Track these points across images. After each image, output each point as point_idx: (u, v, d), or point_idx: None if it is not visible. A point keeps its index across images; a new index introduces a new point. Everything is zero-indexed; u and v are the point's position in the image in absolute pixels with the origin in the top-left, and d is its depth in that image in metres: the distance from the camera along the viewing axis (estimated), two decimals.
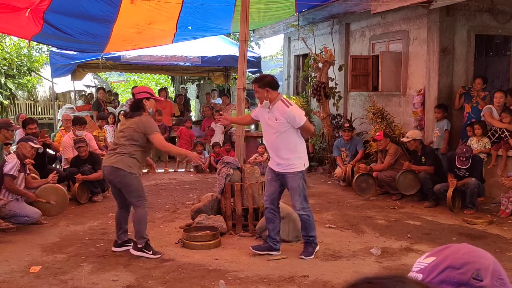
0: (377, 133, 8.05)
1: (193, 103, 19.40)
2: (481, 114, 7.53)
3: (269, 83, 4.87)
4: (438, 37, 8.04)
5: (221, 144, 10.59)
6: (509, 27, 8.34)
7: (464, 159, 6.72)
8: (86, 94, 14.73)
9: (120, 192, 4.98)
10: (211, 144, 10.95)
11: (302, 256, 4.94)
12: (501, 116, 7.22)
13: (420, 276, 1.11)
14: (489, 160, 7.33)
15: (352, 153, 8.90)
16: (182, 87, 17.78)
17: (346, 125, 9.13)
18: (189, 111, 14.33)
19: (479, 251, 1.12)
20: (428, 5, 7.53)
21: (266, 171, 5.13)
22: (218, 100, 14.82)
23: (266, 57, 23.34)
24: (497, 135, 7.25)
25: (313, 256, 4.95)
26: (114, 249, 5.12)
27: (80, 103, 13.53)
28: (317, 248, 5.08)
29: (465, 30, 8.23)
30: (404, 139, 7.55)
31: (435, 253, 1.15)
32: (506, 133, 7.10)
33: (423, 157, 7.47)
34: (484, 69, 9.57)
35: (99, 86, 17.28)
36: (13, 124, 7.15)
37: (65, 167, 7.99)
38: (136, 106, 5.03)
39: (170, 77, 20.84)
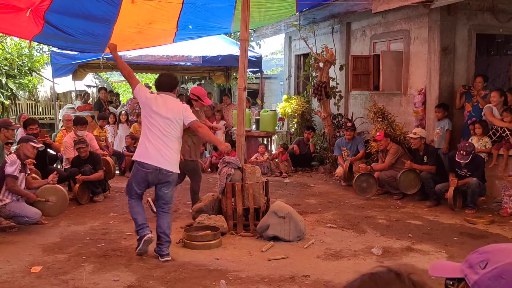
0: (378, 133, 8.05)
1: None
2: (482, 113, 7.52)
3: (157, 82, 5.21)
4: (439, 37, 8.03)
5: None
6: (510, 26, 8.33)
7: (464, 153, 6.65)
8: (82, 94, 14.68)
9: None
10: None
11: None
12: (502, 115, 7.21)
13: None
14: (490, 159, 7.32)
15: (353, 152, 8.90)
16: (182, 87, 17.75)
17: (349, 124, 9.12)
18: None
19: (509, 251, 1.12)
20: (429, 4, 7.52)
21: None
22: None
23: (267, 56, 23.35)
24: (498, 134, 7.24)
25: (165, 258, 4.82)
26: None
27: (77, 103, 13.53)
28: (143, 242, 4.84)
29: (466, 29, 8.22)
30: (411, 135, 7.53)
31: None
32: (507, 132, 7.09)
33: (425, 156, 7.46)
34: (485, 68, 9.55)
35: (100, 86, 17.29)
36: (13, 124, 7.15)
37: (66, 167, 8.00)
38: (188, 103, 5.96)
39: None
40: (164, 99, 4.89)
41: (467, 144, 6.74)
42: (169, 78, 5.20)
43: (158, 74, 19.06)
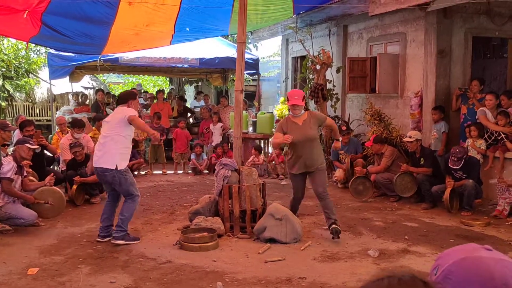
0: (369, 139, 8.08)
1: (189, 104, 19.37)
2: (476, 117, 7.55)
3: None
4: (435, 39, 8.06)
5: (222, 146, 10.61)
6: (506, 29, 8.37)
7: (455, 159, 6.75)
8: (79, 95, 14.65)
9: None
10: (213, 144, 10.95)
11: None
12: (497, 118, 7.23)
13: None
14: (485, 161, 7.35)
15: (351, 155, 8.90)
16: (171, 89, 17.66)
17: (343, 128, 9.10)
18: (193, 112, 14.15)
19: (456, 251, 1.15)
20: (426, 7, 7.56)
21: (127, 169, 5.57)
22: (202, 102, 14.74)
23: (264, 58, 23.35)
24: (493, 138, 7.27)
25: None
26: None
27: (72, 103, 13.49)
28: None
29: (462, 32, 8.25)
30: (407, 139, 7.55)
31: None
32: (502, 135, 7.12)
33: (421, 159, 7.48)
34: (481, 71, 9.59)
35: (97, 87, 17.28)
36: (10, 125, 7.14)
37: (63, 169, 7.99)
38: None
39: (168, 78, 20.84)
40: (114, 111, 5.77)
41: (457, 150, 6.79)
42: (123, 93, 6.06)
43: (155, 76, 18.96)
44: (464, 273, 1.07)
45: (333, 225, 5.57)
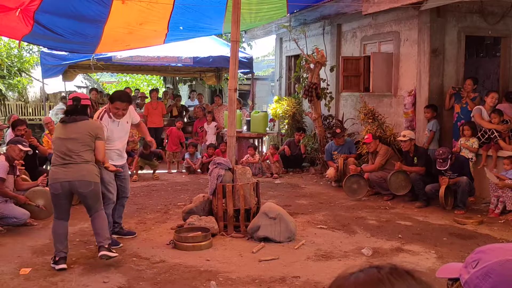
0: (366, 136, 8.07)
1: (182, 103, 19.35)
2: (471, 115, 7.58)
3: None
4: (428, 38, 8.08)
5: (215, 145, 10.59)
6: (499, 28, 8.40)
7: (441, 160, 6.81)
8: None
9: None
10: (207, 143, 10.93)
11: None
12: (491, 116, 7.28)
13: None
14: (478, 160, 7.39)
15: (343, 154, 8.89)
16: (168, 87, 17.62)
17: (338, 130, 9.02)
18: (187, 110, 14.08)
19: (501, 250, 1.15)
20: (419, 6, 7.57)
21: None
22: (196, 101, 14.71)
23: (258, 57, 23.38)
24: (486, 136, 7.30)
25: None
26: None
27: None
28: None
29: (456, 31, 8.28)
30: (401, 138, 7.56)
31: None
32: (496, 133, 7.16)
33: (415, 158, 7.50)
34: (474, 70, 9.63)
35: (90, 87, 17.22)
36: (0, 124, 7.08)
37: None
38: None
39: (162, 77, 20.81)
40: None
41: (441, 152, 6.87)
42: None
43: (149, 75, 18.88)
44: (507, 275, 1.07)
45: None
